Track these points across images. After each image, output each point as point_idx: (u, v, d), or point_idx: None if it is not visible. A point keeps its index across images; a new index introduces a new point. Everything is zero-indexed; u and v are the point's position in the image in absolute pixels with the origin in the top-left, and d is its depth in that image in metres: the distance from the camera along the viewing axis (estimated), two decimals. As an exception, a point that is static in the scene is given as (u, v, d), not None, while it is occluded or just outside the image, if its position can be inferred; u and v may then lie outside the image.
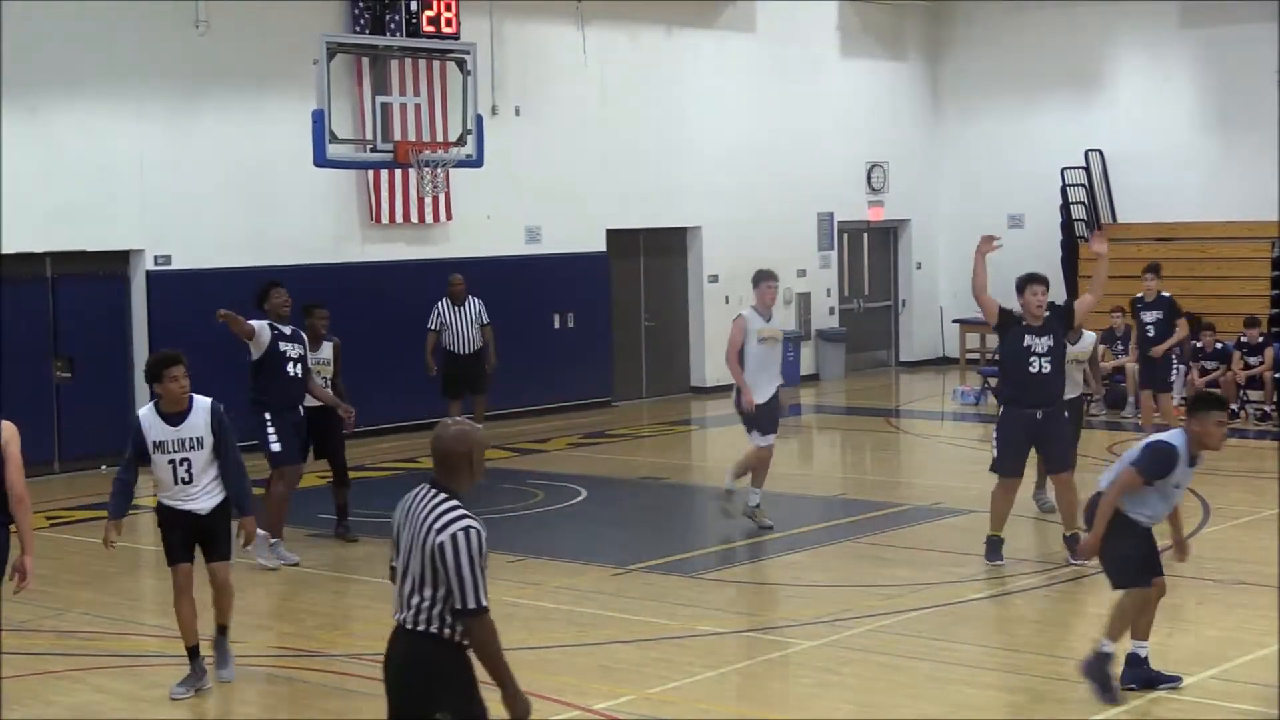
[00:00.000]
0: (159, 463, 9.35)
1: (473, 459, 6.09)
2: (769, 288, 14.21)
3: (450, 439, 6.10)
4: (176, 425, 9.39)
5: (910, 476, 17.42)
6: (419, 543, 6.00)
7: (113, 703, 9.51)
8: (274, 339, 13.08)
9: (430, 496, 6.07)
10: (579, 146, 22.77)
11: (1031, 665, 9.84)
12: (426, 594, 5.98)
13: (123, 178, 18.39)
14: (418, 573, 6.00)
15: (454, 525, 5.93)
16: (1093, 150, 26.18)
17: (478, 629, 5.94)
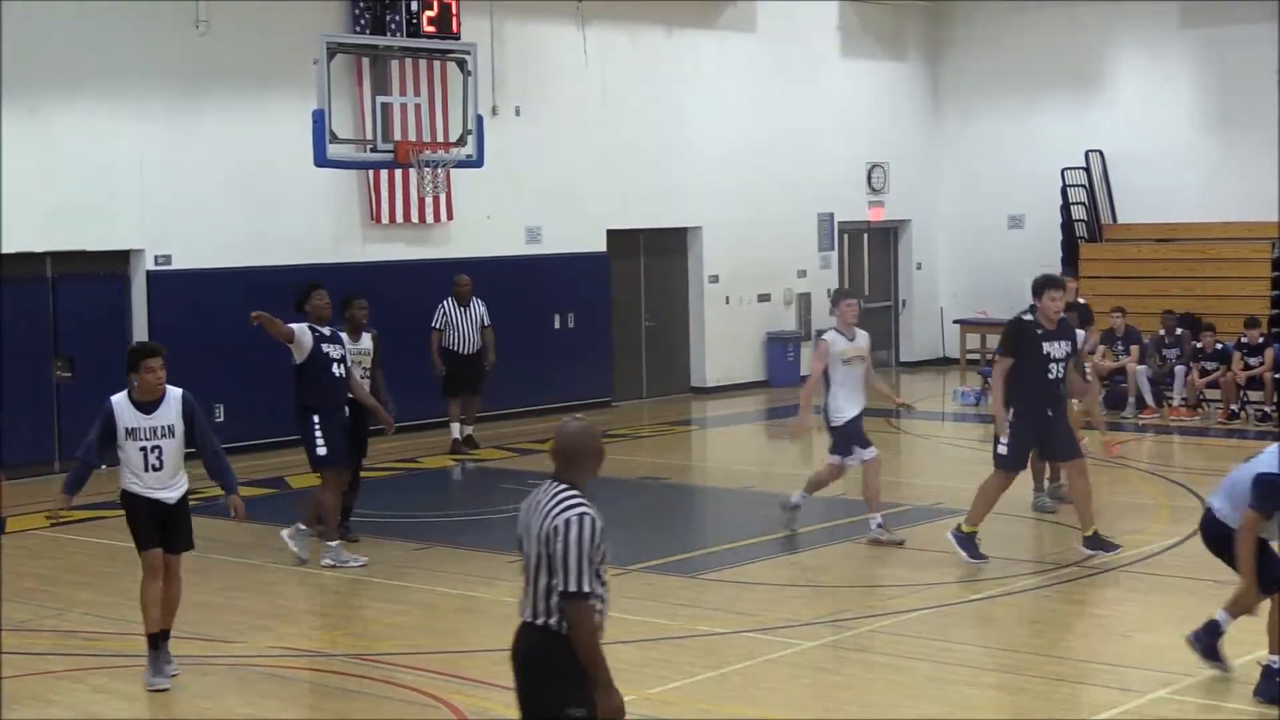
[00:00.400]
0: (130, 449, 9.61)
1: (595, 453, 6.20)
2: (849, 306, 13.87)
3: (572, 435, 6.21)
4: (150, 414, 9.63)
5: (910, 477, 17.40)
6: (537, 531, 6.11)
7: (113, 703, 9.51)
8: (316, 342, 12.99)
9: (552, 489, 6.17)
10: (579, 147, 22.77)
11: (1031, 665, 9.84)
12: (544, 584, 6.07)
13: (123, 178, 18.39)
14: (535, 563, 6.12)
15: (569, 511, 6.04)
16: (1093, 150, 26.18)
17: (575, 613, 5.99)
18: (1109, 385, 21.76)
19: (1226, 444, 19.39)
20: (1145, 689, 9.23)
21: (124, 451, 9.63)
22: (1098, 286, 25.07)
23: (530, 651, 6.11)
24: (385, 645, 10.58)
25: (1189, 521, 13.97)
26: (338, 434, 13.02)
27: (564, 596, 5.98)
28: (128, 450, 9.62)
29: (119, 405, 9.65)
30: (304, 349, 12.96)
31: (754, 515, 15.55)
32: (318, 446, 12.92)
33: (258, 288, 19.30)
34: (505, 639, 10.86)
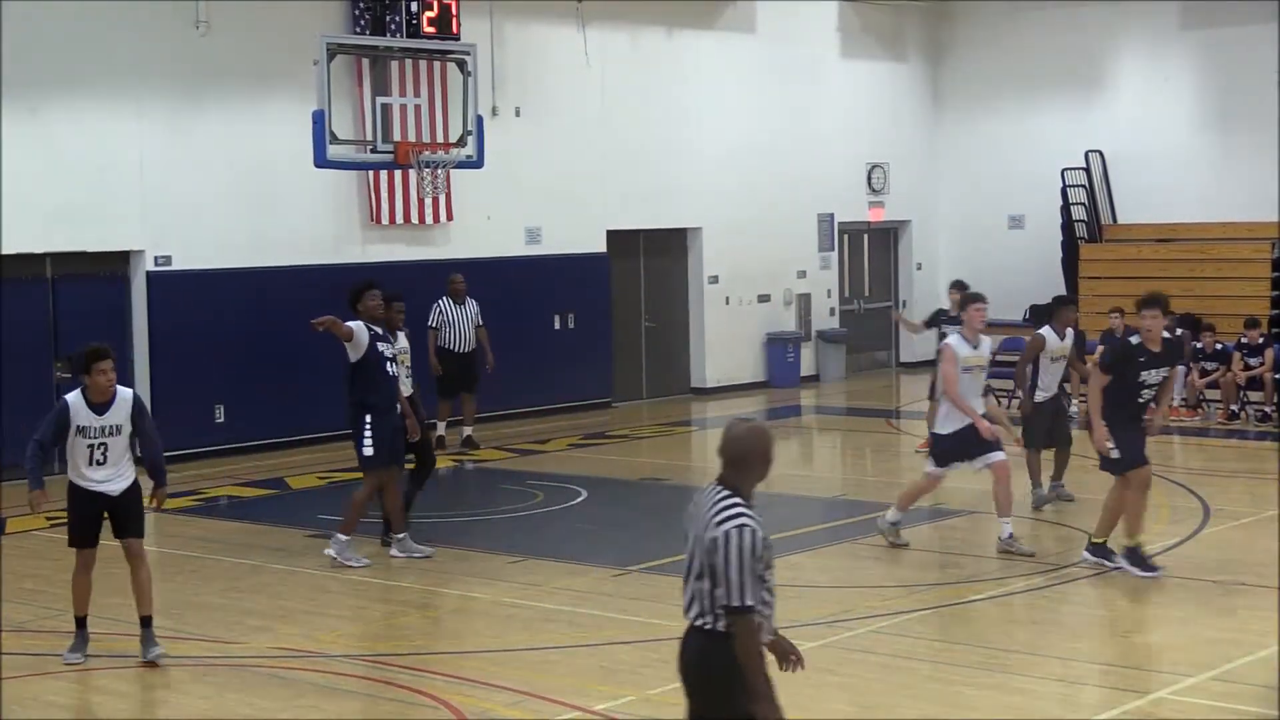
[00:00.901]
0: (78, 445, 10.06)
1: (764, 457, 6.13)
2: (978, 310, 13.01)
3: (740, 437, 6.13)
4: (101, 414, 10.07)
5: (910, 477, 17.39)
6: (699, 538, 6.04)
7: (113, 703, 9.51)
8: (372, 340, 12.96)
9: (715, 494, 6.10)
10: (579, 147, 22.77)
11: (1031, 665, 9.84)
12: (705, 589, 6.00)
13: (123, 178, 18.39)
14: (699, 568, 6.04)
15: (730, 522, 5.97)
16: (1093, 151, 26.18)
17: (738, 627, 5.95)
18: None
19: (1226, 444, 19.39)
20: (1145, 689, 9.24)
21: (71, 447, 10.07)
22: (1098, 287, 25.09)
23: (694, 654, 6.08)
24: (385, 645, 10.58)
25: (1189, 522, 14.00)
26: (388, 434, 12.97)
27: (729, 610, 5.94)
28: (75, 446, 10.06)
29: (74, 404, 10.04)
30: (360, 347, 12.93)
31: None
32: (365, 446, 12.90)
33: (258, 288, 19.36)
34: (505, 639, 10.91)
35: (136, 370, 18.61)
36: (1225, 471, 17.39)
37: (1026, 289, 26.34)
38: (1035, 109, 27.17)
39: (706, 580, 5.99)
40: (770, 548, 6.08)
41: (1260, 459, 18.06)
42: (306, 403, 19.68)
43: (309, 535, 14.32)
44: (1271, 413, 20.42)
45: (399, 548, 13.21)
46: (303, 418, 19.69)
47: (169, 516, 15.78)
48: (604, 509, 15.83)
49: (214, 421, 19.04)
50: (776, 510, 14.69)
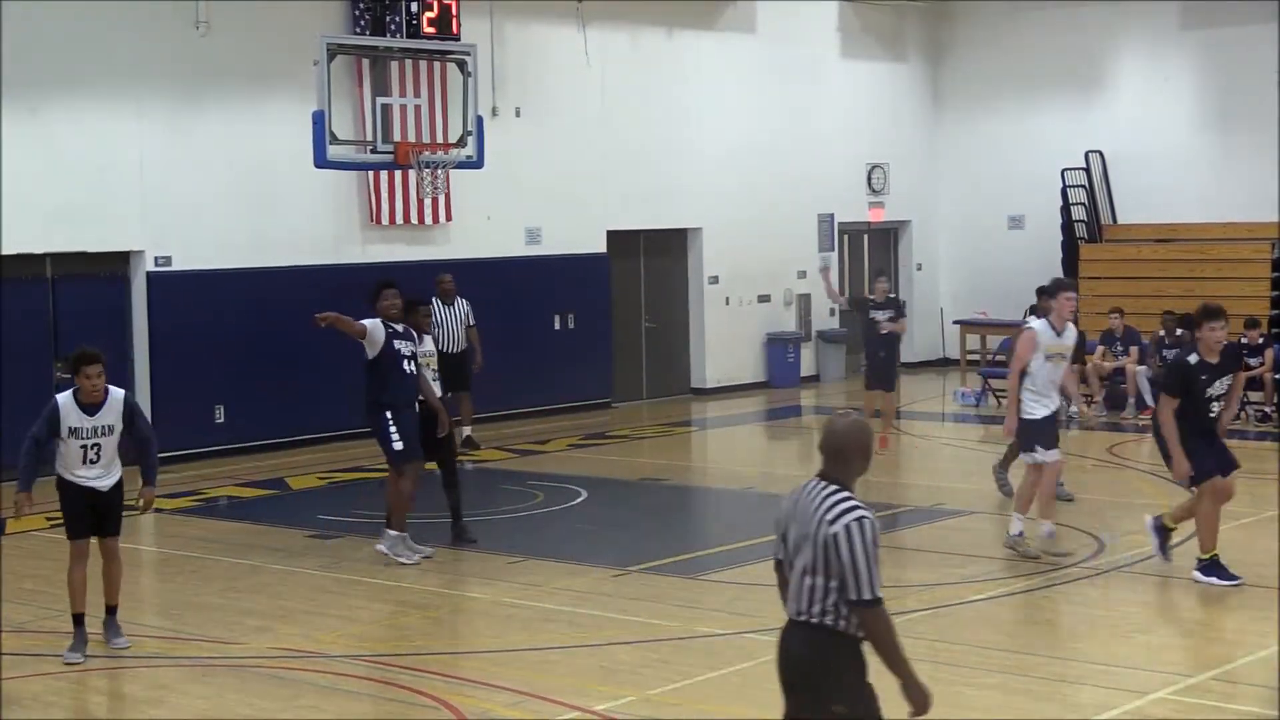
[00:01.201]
0: (71, 445, 10.28)
1: (865, 451, 6.14)
2: (1068, 300, 12.76)
3: (842, 432, 6.13)
4: (93, 415, 10.29)
5: (910, 478, 17.39)
6: (810, 535, 6.02)
7: (112, 703, 9.52)
8: (389, 338, 12.95)
9: (820, 489, 6.08)
10: (579, 147, 22.77)
11: (1031, 665, 9.84)
12: (819, 585, 6.00)
13: (123, 178, 18.39)
14: (809, 564, 6.02)
15: (847, 516, 5.95)
16: (1093, 151, 26.18)
17: (872, 619, 5.96)
18: (1108, 386, 21.77)
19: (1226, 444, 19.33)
20: (1145, 689, 9.23)
21: (65, 446, 10.28)
22: (1098, 287, 25.08)
23: (800, 649, 6.08)
24: (385, 646, 10.58)
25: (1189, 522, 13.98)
26: (411, 429, 12.99)
27: (857, 604, 5.94)
28: (69, 445, 10.27)
29: (65, 405, 10.27)
30: (376, 344, 12.92)
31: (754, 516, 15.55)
32: (394, 442, 12.89)
33: (258, 288, 19.36)
34: (505, 639, 10.91)
35: (136, 370, 18.62)
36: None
37: (1026, 289, 26.25)
38: (1035, 109, 27.17)
39: (820, 576, 5.98)
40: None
41: (1260, 459, 18.05)
42: (306, 403, 19.69)
43: (309, 535, 14.33)
44: (1271, 413, 20.42)
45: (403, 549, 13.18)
46: (303, 418, 19.70)
47: (169, 517, 15.80)
48: (604, 509, 15.83)
49: (214, 421, 19.04)
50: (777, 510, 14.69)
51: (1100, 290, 24.91)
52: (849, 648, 6.05)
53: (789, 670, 6.13)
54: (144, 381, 18.61)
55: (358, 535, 14.25)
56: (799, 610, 6.06)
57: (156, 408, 18.59)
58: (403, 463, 12.96)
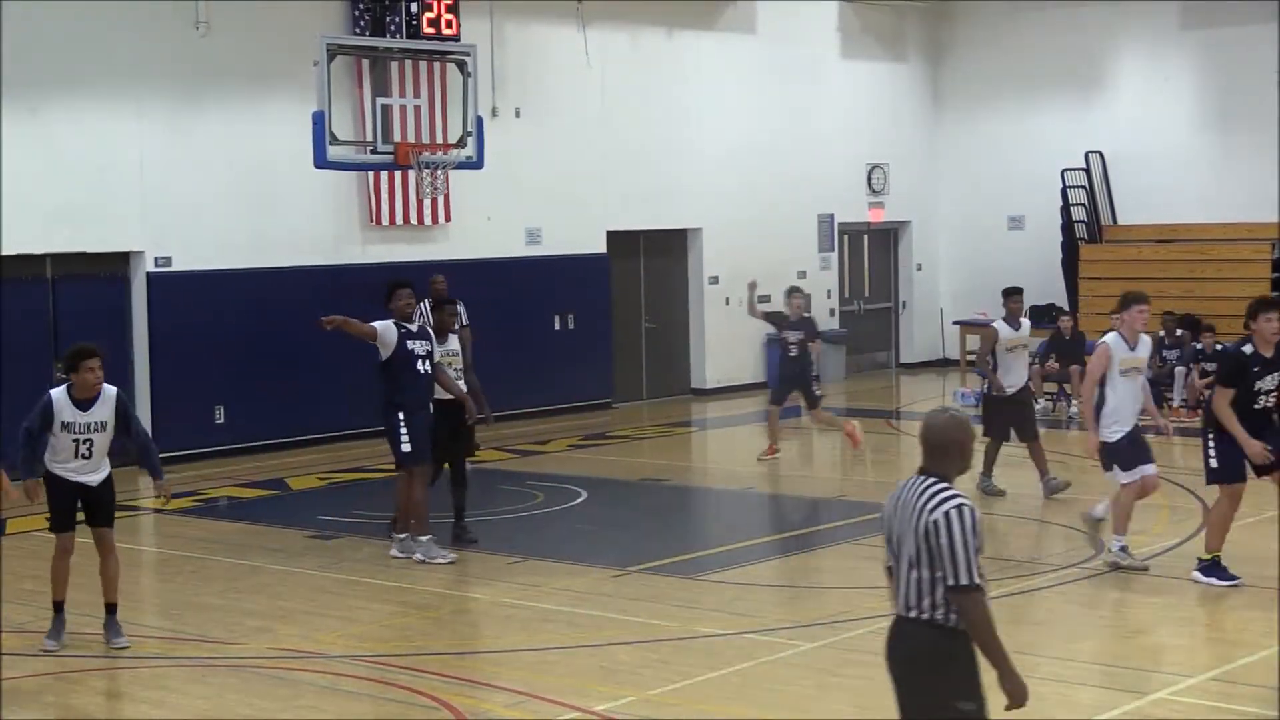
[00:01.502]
0: (63, 440, 10.41)
1: (964, 445, 6.14)
2: (1140, 311, 12.43)
3: (942, 426, 6.14)
4: (86, 410, 10.42)
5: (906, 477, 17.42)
6: (911, 527, 6.03)
7: (112, 703, 9.52)
8: (401, 339, 12.88)
9: (921, 483, 6.10)
10: (579, 148, 22.77)
11: (1031, 665, 9.82)
12: (925, 578, 6.01)
13: (123, 178, 18.39)
14: (912, 556, 6.04)
15: (947, 504, 5.96)
16: (1093, 151, 26.18)
17: (969, 606, 5.95)
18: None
19: None
20: (1145, 689, 9.23)
21: (56, 440, 10.42)
22: (1098, 288, 25.09)
23: (911, 646, 6.09)
24: (385, 646, 10.58)
25: (1189, 522, 13.99)
26: (422, 431, 12.94)
27: (954, 590, 5.93)
28: (60, 440, 10.41)
29: (59, 400, 10.41)
30: (389, 346, 12.86)
31: (754, 516, 15.57)
32: (402, 443, 12.85)
33: (258, 289, 19.36)
34: (505, 640, 10.91)
35: (136, 371, 18.62)
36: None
37: (1026, 290, 26.22)
38: (1035, 109, 27.17)
39: (925, 569, 5.99)
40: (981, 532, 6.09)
41: (1260, 459, 18.02)
42: (306, 403, 19.70)
43: (309, 536, 14.33)
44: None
45: (400, 547, 13.20)
46: (303, 418, 19.70)
47: (169, 517, 15.79)
48: (604, 509, 15.83)
49: (214, 422, 19.04)
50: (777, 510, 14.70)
51: (1100, 291, 24.90)
52: (963, 642, 6.04)
53: (902, 668, 6.15)
54: (144, 382, 18.61)
55: (357, 535, 14.26)
56: (908, 606, 6.08)
57: (156, 408, 18.62)
58: (410, 464, 12.94)
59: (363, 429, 19.86)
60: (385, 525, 13.74)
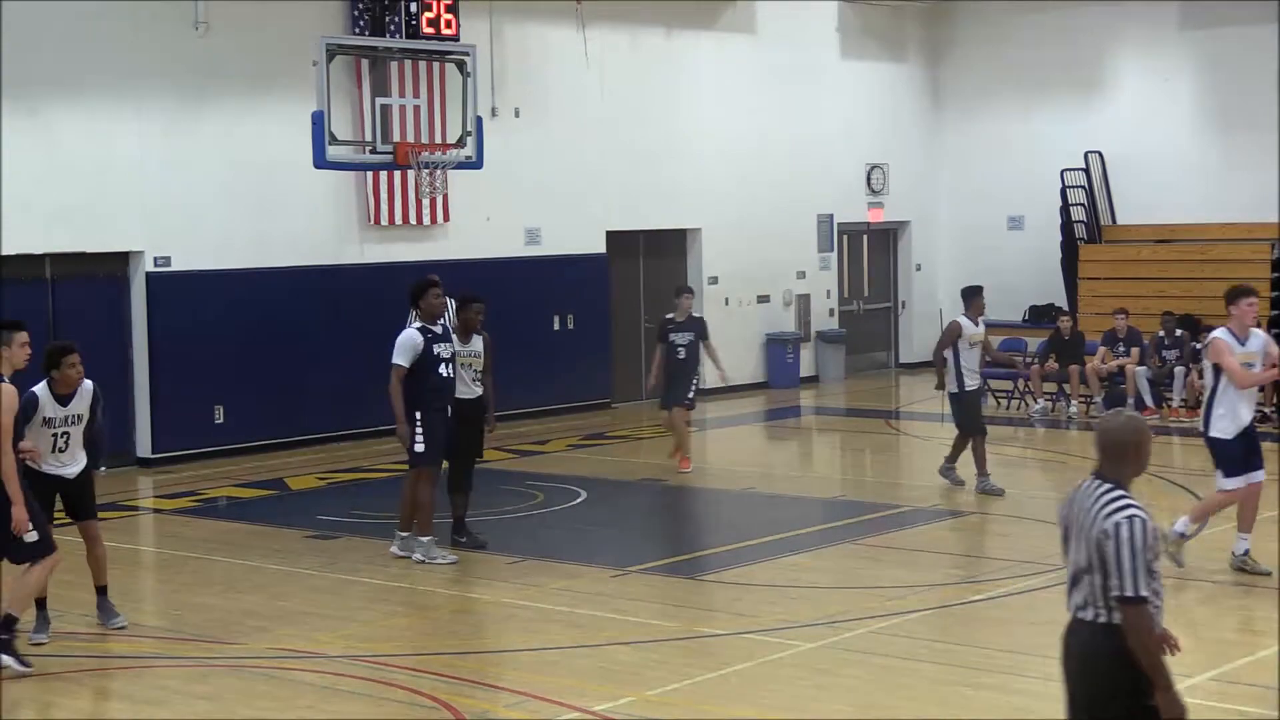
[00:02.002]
0: (43, 435, 10.59)
1: (1140, 449, 6.12)
2: (1250, 306, 12.14)
3: (1119, 429, 6.12)
4: (66, 405, 10.70)
5: (910, 478, 17.39)
6: (1085, 532, 6.05)
7: (113, 704, 9.52)
8: (428, 343, 12.83)
9: (1095, 488, 6.10)
10: (579, 148, 22.77)
11: (1031, 666, 9.83)
12: (1098, 583, 6.01)
13: (123, 179, 18.38)
14: (1084, 562, 6.05)
15: (1119, 514, 5.96)
16: (1092, 152, 26.17)
17: (1134, 616, 5.94)
18: (1108, 386, 21.77)
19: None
20: (1145, 690, 9.22)
21: (36, 435, 10.53)
22: (1097, 288, 25.09)
23: (1085, 647, 6.08)
24: (384, 646, 10.58)
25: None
26: (439, 432, 12.89)
27: (1120, 600, 5.93)
28: (40, 435, 10.56)
29: (42, 396, 10.65)
30: (416, 354, 12.78)
31: (753, 517, 15.55)
32: (416, 443, 12.82)
33: (257, 289, 19.36)
34: (504, 640, 10.91)
35: (136, 371, 18.62)
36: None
37: (1026, 290, 26.36)
38: (1035, 109, 27.16)
39: (1097, 574, 6.00)
40: (1159, 540, 6.09)
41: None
42: (306, 403, 19.70)
43: (308, 536, 14.32)
44: (1271, 413, 20.41)
45: (401, 546, 13.19)
46: (302, 418, 19.70)
47: (169, 517, 15.81)
48: (604, 510, 15.83)
49: (214, 422, 19.03)
50: (776, 510, 14.68)
51: (1100, 291, 24.92)
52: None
53: (1073, 669, 6.14)
54: (143, 382, 18.61)
55: (357, 536, 14.26)
56: (1082, 607, 6.09)
57: (156, 408, 18.61)
58: (423, 465, 12.92)
59: (358, 430, 19.89)
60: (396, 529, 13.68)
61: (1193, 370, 21.05)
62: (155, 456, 18.56)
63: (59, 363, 10.71)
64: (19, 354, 10.48)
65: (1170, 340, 21.59)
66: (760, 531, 14.21)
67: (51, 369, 10.73)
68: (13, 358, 10.45)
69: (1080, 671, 6.12)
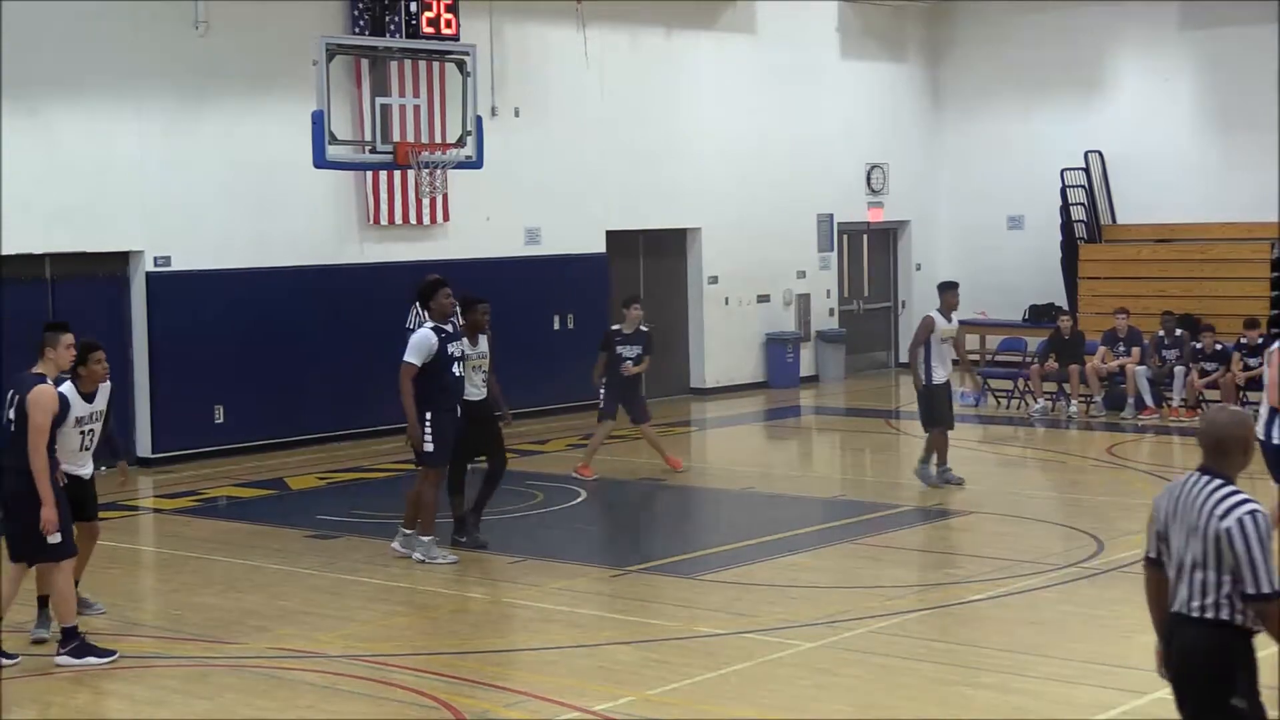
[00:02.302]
0: (73, 435, 10.62)
1: (1247, 444, 6.12)
2: None
3: (1225, 424, 6.11)
4: (91, 402, 10.78)
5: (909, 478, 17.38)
6: (1198, 529, 6.01)
7: (112, 704, 9.52)
8: (441, 344, 12.80)
9: (1204, 484, 6.07)
10: (579, 148, 22.77)
11: (1031, 666, 9.84)
12: (1210, 579, 5.98)
13: (123, 178, 18.38)
14: (1199, 559, 6.01)
15: (1239, 510, 5.93)
16: (1092, 152, 26.18)
17: (1271, 614, 5.91)
18: (1108, 386, 21.77)
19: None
20: (1145, 689, 9.22)
21: (65, 436, 10.52)
22: (1097, 287, 25.10)
23: (1191, 643, 6.06)
24: (384, 646, 10.58)
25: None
26: (448, 432, 12.88)
27: (1253, 599, 5.91)
28: (70, 435, 10.58)
29: (70, 396, 10.62)
30: (430, 354, 12.74)
31: (753, 516, 15.56)
32: (426, 443, 12.82)
33: (257, 289, 19.36)
34: (504, 640, 10.90)
35: (136, 371, 18.62)
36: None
37: (1026, 290, 26.37)
38: (1035, 109, 27.17)
39: (1211, 571, 5.98)
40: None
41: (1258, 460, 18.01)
42: (306, 403, 19.70)
43: (308, 536, 14.33)
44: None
45: (402, 543, 13.16)
46: (303, 418, 19.71)
47: (169, 517, 15.81)
48: (604, 509, 15.83)
49: (214, 422, 19.03)
50: (776, 510, 14.66)
51: (1099, 291, 24.93)
52: (1243, 641, 6.04)
53: (1180, 664, 6.13)
54: (143, 382, 18.60)
55: (357, 535, 14.26)
56: (1188, 603, 6.07)
57: (156, 408, 18.61)
58: (431, 464, 12.92)
59: (359, 430, 19.89)
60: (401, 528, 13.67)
61: (1192, 370, 21.05)
62: (155, 456, 18.56)
63: (86, 359, 10.74)
64: (64, 355, 10.45)
65: (1170, 340, 21.59)
66: (760, 531, 14.22)
67: (79, 365, 10.74)
68: (59, 359, 10.43)
69: (1186, 668, 6.09)
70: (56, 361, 10.43)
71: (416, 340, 12.84)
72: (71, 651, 10.02)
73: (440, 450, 12.87)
